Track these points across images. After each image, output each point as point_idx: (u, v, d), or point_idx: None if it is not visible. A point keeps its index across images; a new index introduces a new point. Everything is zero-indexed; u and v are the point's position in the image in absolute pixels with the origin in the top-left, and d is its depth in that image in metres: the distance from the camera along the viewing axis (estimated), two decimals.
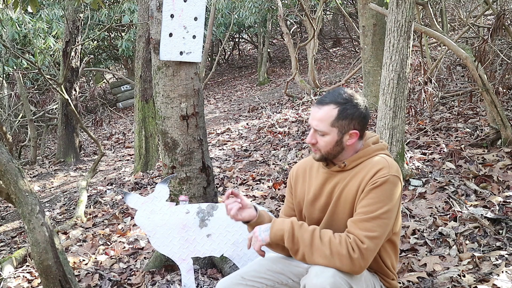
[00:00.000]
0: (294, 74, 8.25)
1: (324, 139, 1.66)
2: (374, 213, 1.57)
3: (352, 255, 1.52)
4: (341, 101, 1.64)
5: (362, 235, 1.55)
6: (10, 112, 8.35)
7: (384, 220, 1.57)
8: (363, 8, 5.74)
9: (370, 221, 1.56)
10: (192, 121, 2.61)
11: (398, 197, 1.62)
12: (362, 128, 1.68)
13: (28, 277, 3.06)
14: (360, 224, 1.57)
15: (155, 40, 2.54)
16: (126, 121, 10.87)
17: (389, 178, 1.59)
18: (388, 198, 1.59)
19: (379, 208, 1.57)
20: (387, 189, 1.59)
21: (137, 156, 5.54)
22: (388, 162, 1.65)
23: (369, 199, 1.59)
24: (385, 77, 3.28)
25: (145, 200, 2.38)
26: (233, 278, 1.79)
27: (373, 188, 1.59)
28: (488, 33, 4.52)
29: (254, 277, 1.78)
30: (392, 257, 1.76)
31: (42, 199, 5.37)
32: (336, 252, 1.53)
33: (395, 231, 1.71)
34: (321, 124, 1.65)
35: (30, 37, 8.12)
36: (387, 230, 1.59)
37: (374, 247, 1.55)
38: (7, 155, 2.17)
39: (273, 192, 3.86)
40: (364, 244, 1.53)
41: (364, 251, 1.53)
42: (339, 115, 1.64)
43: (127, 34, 11.32)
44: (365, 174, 1.64)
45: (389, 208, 1.58)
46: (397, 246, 1.77)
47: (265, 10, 11.11)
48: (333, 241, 1.56)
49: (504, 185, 3.16)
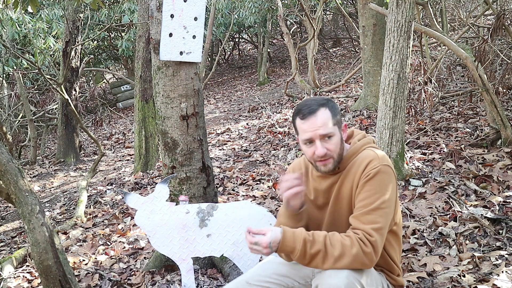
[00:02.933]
0: (294, 74, 8.25)
1: (333, 141, 1.66)
2: (373, 205, 1.58)
3: (366, 250, 1.53)
4: (324, 102, 1.69)
5: (368, 228, 1.55)
6: (10, 112, 8.34)
7: (384, 209, 1.59)
8: (363, 8, 5.74)
9: (371, 213, 1.57)
10: (192, 121, 2.61)
11: (393, 186, 1.64)
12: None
13: (28, 277, 3.06)
14: (362, 218, 1.58)
15: (155, 40, 2.54)
16: (126, 121, 10.87)
17: (380, 168, 1.61)
18: (384, 188, 1.60)
19: (377, 199, 1.58)
20: (380, 179, 1.61)
21: (137, 156, 5.54)
22: (377, 153, 1.67)
23: (366, 192, 1.61)
24: (385, 77, 3.28)
25: (145, 200, 2.38)
26: (238, 284, 1.77)
27: (367, 181, 1.61)
28: (488, 33, 4.52)
29: (259, 281, 1.76)
30: (397, 250, 1.77)
31: (42, 199, 5.37)
32: (350, 254, 1.52)
33: (395, 221, 1.72)
34: (326, 127, 1.64)
35: (30, 37, 8.11)
36: (389, 219, 1.61)
37: (381, 238, 1.57)
38: (7, 155, 2.17)
39: (273, 192, 3.86)
40: (373, 237, 1.55)
41: (374, 244, 1.54)
42: (332, 113, 1.68)
43: (127, 34, 11.32)
44: (357, 169, 1.66)
45: (387, 197, 1.60)
46: (399, 237, 1.78)
47: (265, 10, 11.10)
48: (345, 244, 1.54)
49: (504, 185, 3.15)
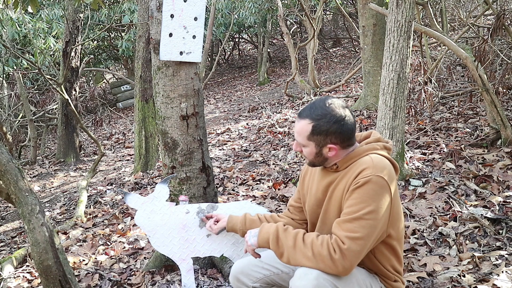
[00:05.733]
0: (294, 74, 8.25)
1: (305, 149, 1.71)
2: (356, 214, 1.54)
3: (333, 255, 1.51)
4: (315, 117, 1.64)
5: (343, 236, 1.53)
6: (10, 112, 8.34)
7: (367, 221, 1.53)
8: (363, 8, 5.74)
9: (352, 221, 1.54)
10: (192, 121, 2.61)
11: (386, 198, 1.57)
12: (342, 140, 1.65)
13: (28, 277, 3.06)
14: (343, 225, 1.56)
15: (155, 40, 2.54)
16: (126, 121, 10.87)
17: (371, 178, 1.56)
18: (371, 199, 1.55)
19: (361, 209, 1.54)
20: (369, 189, 1.55)
21: (137, 156, 5.54)
22: (374, 162, 1.61)
23: (352, 199, 1.58)
24: (385, 77, 3.28)
25: (145, 200, 2.38)
26: (251, 259, 1.88)
27: (356, 189, 1.58)
28: (488, 33, 4.52)
29: (271, 261, 1.86)
30: (392, 260, 1.72)
31: (42, 199, 5.37)
32: (318, 253, 1.54)
33: (390, 233, 1.65)
34: (299, 137, 1.69)
35: (30, 37, 8.12)
36: (373, 231, 1.54)
37: (357, 248, 1.52)
38: (7, 155, 2.16)
39: (273, 192, 3.86)
40: (345, 244, 1.51)
41: (345, 252, 1.51)
42: (313, 131, 1.64)
43: (127, 34, 11.32)
44: (352, 174, 1.63)
45: (373, 209, 1.54)
46: (397, 249, 1.71)
47: (265, 10, 11.10)
48: (315, 243, 1.56)
49: (504, 185, 3.15)
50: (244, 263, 1.89)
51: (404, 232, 1.77)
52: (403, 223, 1.74)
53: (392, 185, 1.60)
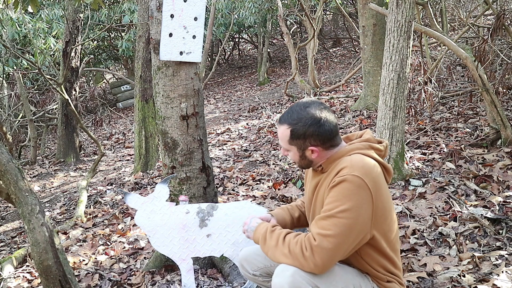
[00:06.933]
0: (294, 74, 8.25)
1: (290, 153, 1.77)
2: (329, 212, 1.57)
3: (305, 252, 1.55)
4: (292, 122, 1.68)
5: (315, 233, 1.56)
6: (10, 112, 8.34)
7: (340, 219, 1.53)
8: (363, 8, 5.74)
9: (325, 219, 1.57)
10: (192, 121, 2.61)
11: (364, 198, 1.55)
12: (323, 142, 1.68)
13: (28, 277, 3.06)
14: (318, 223, 1.59)
15: (155, 40, 2.54)
16: (126, 121, 10.87)
17: (346, 177, 1.56)
18: (346, 198, 1.55)
19: (335, 207, 1.55)
20: (344, 188, 1.56)
21: (137, 156, 5.54)
22: (352, 161, 1.61)
23: (329, 198, 1.61)
24: (385, 77, 3.28)
25: (145, 200, 2.38)
26: (256, 249, 1.94)
27: (332, 187, 1.60)
28: (488, 33, 4.52)
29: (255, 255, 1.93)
30: (382, 260, 1.69)
31: (42, 199, 5.37)
32: (292, 251, 1.59)
33: (374, 235, 1.62)
34: (282, 142, 1.76)
35: (30, 37, 8.11)
36: (348, 230, 1.53)
37: (328, 246, 1.52)
38: (7, 155, 2.17)
39: (273, 192, 3.86)
40: (316, 241, 1.54)
41: (315, 248, 1.53)
42: (292, 136, 1.69)
43: (127, 34, 11.32)
44: (332, 174, 1.66)
45: (347, 208, 1.53)
46: (385, 250, 1.68)
47: (265, 10, 11.10)
48: (291, 241, 1.62)
49: (504, 185, 3.16)
50: (249, 252, 1.96)
51: (397, 233, 1.75)
52: (396, 223, 1.73)
53: (375, 184, 1.58)
